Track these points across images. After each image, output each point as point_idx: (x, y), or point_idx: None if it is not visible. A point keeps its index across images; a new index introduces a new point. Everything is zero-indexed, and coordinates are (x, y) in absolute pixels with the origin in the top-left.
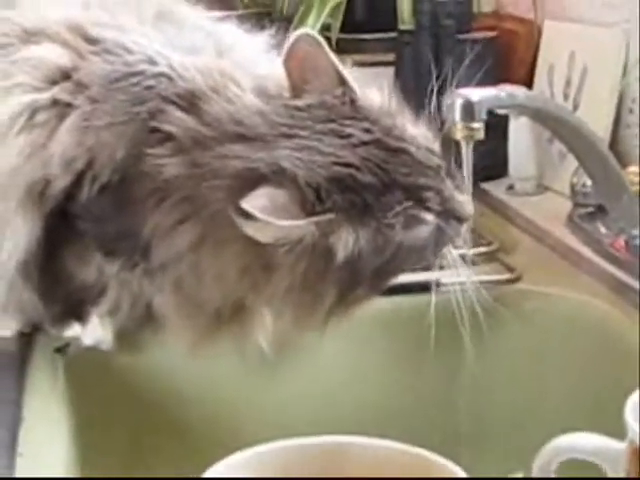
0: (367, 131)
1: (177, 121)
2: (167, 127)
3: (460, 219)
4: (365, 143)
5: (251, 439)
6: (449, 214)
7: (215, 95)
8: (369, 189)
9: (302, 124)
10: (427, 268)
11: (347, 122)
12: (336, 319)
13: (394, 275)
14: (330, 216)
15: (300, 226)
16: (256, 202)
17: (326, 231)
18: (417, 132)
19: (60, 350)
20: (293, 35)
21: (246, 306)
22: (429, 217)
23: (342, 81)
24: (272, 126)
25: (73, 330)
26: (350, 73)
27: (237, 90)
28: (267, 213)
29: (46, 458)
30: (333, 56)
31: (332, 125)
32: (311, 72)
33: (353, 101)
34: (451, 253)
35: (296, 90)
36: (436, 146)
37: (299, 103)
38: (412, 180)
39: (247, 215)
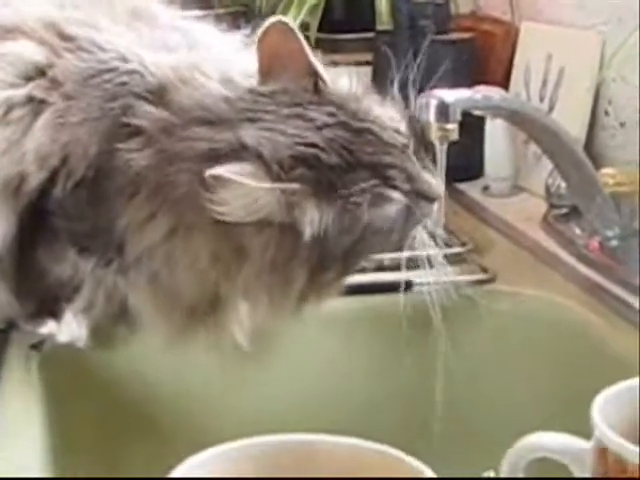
0: (331, 115)
1: (146, 115)
2: (136, 121)
3: (429, 199)
4: (329, 125)
5: (225, 436)
6: (417, 194)
7: (183, 85)
8: (333, 169)
9: (266, 108)
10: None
11: (311, 107)
12: (308, 304)
13: (364, 257)
14: (295, 186)
15: (267, 191)
16: (222, 169)
17: (292, 203)
18: (383, 113)
19: (35, 347)
20: (267, 21)
21: (221, 299)
22: (396, 195)
23: (312, 69)
24: (236, 111)
25: (48, 327)
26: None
27: (203, 79)
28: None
29: (20, 455)
30: (305, 44)
31: (296, 109)
32: (282, 59)
33: (318, 88)
34: (421, 235)
35: (265, 76)
36: (402, 126)
37: (263, 89)
38: (377, 159)
39: (213, 190)
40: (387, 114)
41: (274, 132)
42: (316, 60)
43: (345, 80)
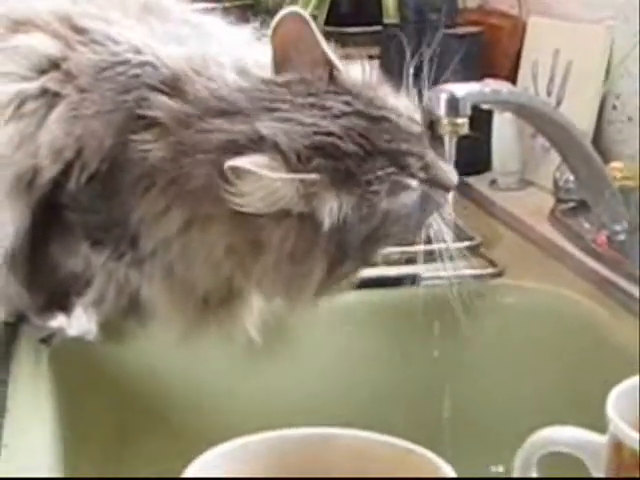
0: (347, 103)
1: (161, 106)
2: (151, 112)
3: (445, 187)
4: (346, 114)
5: (236, 430)
6: (433, 182)
7: (197, 76)
8: (351, 157)
9: (282, 98)
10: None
11: (327, 96)
12: (325, 297)
13: (381, 246)
14: (314, 176)
15: (286, 182)
16: (241, 161)
17: (311, 193)
18: (398, 102)
19: (45, 340)
20: (281, 12)
21: (235, 292)
22: (413, 183)
23: (326, 59)
24: (252, 101)
25: (58, 321)
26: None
27: (218, 69)
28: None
29: (30, 449)
30: (319, 34)
31: (312, 99)
32: (296, 49)
33: (333, 77)
34: (438, 223)
35: (279, 66)
36: (417, 116)
37: (278, 79)
38: (394, 146)
39: (231, 182)
40: (402, 103)
41: (291, 122)
42: (330, 50)
43: (358, 70)
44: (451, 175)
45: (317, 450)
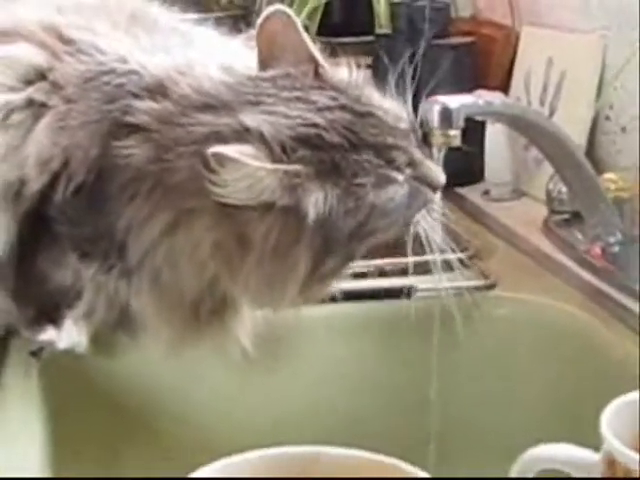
0: (333, 98)
1: (144, 110)
2: (134, 119)
3: (432, 185)
4: (331, 108)
5: (228, 444)
6: (420, 179)
7: (181, 77)
8: (336, 149)
9: (267, 92)
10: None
11: (313, 91)
12: (311, 295)
13: (368, 242)
14: (298, 167)
15: (269, 172)
16: (225, 148)
17: (295, 184)
18: (384, 102)
19: (35, 354)
20: (266, 11)
21: (226, 303)
22: (400, 177)
23: (311, 57)
24: (237, 95)
25: (48, 334)
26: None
27: (203, 69)
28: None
29: (20, 462)
30: (304, 33)
31: (297, 93)
32: (281, 46)
33: (319, 74)
34: (426, 221)
35: (264, 63)
36: (404, 114)
37: (263, 75)
38: (380, 140)
39: (214, 170)
40: (388, 103)
41: (275, 115)
42: (315, 48)
43: (345, 69)
44: (438, 173)
45: (305, 468)
